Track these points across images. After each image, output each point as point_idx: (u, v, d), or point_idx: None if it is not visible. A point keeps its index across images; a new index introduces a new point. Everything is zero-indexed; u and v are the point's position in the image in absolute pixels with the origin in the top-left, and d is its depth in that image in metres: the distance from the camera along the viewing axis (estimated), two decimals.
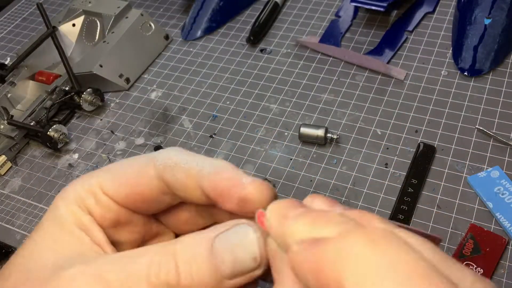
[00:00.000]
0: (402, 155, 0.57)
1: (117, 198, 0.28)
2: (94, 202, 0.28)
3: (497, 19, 0.64)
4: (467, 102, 0.61)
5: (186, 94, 0.70)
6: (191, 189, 0.26)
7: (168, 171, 0.27)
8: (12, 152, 0.67)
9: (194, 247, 0.23)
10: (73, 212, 0.27)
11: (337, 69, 0.69)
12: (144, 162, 0.28)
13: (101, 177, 0.28)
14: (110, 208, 0.28)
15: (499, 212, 0.49)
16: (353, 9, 0.76)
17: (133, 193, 0.28)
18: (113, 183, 0.28)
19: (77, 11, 0.78)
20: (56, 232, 0.27)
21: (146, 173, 0.27)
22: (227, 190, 0.25)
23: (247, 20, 0.79)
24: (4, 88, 0.70)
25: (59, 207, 0.28)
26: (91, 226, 0.27)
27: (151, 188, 0.27)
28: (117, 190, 0.28)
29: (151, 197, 0.28)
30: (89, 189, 0.28)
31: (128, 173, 0.28)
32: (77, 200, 0.28)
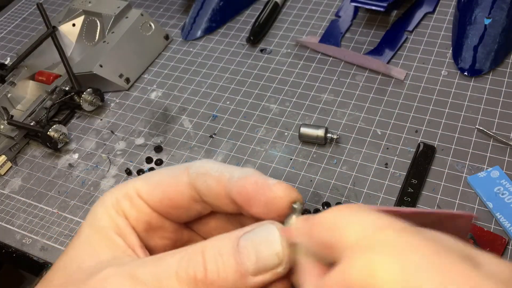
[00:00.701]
0: (402, 155, 0.57)
1: (151, 202, 0.29)
2: (130, 205, 0.29)
3: (497, 19, 0.64)
4: (467, 102, 0.61)
5: (186, 94, 0.70)
6: (220, 197, 0.28)
7: (200, 178, 0.28)
8: (12, 152, 0.67)
9: (220, 244, 0.24)
10: (110, 216, 0.29)
11: (337, 69, 0.69)
12: (178, 170, 0.29)
13: (138, 182, 0.30)
14: (144, 211, 0.29)
15: (499, 212, 0.49)
16: (353, 9, 0.76)
17: (166, 198, 0.29)
18: (148, 187, 0.29)
19: (77, 11, 0.77)
20: (93, 237, 0.28)
21: (180, 180, 0.29)
22: (254, 194, 0.26)
23: (247, 20, 0.79)
24: (4, 88, 0.70)
25: (97, 212, 0.29)
26: (125, 229, 0.29)
27: (183, 195, 0.29)
28: (151, 194, 0.29)
29: (182, 204, 0.29)
30: (126, 193, 0.29)
31: (163, 179, 0.29)
32: (113, 204, 0.29)
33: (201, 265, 0.24)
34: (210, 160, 0.30)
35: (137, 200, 0.29)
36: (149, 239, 0.30)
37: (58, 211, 0.60)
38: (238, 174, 0.27)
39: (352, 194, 0.55)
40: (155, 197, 0.29)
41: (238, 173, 0.27)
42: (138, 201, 0.29)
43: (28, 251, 0.57)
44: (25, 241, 0.58)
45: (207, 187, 0.28)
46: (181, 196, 0.29)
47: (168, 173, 0.29)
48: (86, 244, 0.28)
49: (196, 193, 0.29)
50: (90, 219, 0.30)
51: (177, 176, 0.29)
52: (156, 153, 0.64)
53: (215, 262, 0.24)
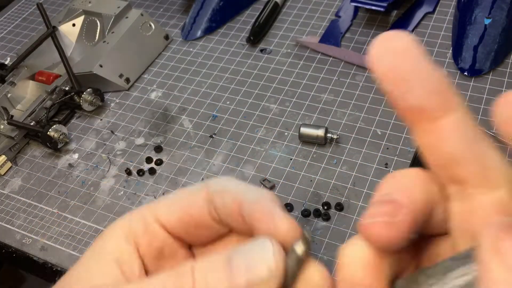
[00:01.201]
0: (402, 155, 0.57)
1: (169, 223, 0.28)
2: (143, 230, 0.28)
3: (497, 19, 0.64)
4: (467, 102, 0.61)
5: (186, 94, 0.70)
6: (235, 215, 0.27)
7: (218, 195, 0.27)
8: (12, 152, 0.67)
9: (212, 261, 0.24)
10: (116, 242, 0.28)
11: (337, 69, 0.69)
12: (197, 188, 0.29)
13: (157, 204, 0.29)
14: (158, 235, 0.28)
15: None
16: (353, 9, 0.76)
17: (186, 216, 0.28)
18: (166, 207, 0.28)
19: (77, 11, 0.78)
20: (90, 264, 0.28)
21: (199, 198, 0.28)
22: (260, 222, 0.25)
23: (247, 20, 0.80)
24: (4, 88, 0.70)
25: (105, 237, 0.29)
26: (130, 258, 0.28)
27: (203, 212, 0.28)
28: (169, 214, 0.28)
29: (202, 222, 0.28)
30: (142, 217, 0.29)
31: (181, 197, 0.29)
32: (124, 229, 0.28)
33: (190, 283, 0.23)
34: (229, 177, 0.30)
35: (153, 225, 0.28)
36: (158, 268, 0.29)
37: (58, 211, 0.60)
38: (252, 195, 0.27)
39: (352, 194, 0.55)
40: (173, 216, 0.28)
41: (252, 194, 0.27)
42: (154, 226, 0.28)
43: (28, 251, 0.57)
44: (25, 241, 0.58)
45: (223, 204, 0.27)
46: (201, 213, 0.28)
47: (184, 191, 0.29)
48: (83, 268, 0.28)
49: (214, 211, 0.28)
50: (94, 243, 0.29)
51: (194, 194, 0.28)
52: (156, 153, 0.64)
53: (204, 279, 0.23)
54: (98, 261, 0.28)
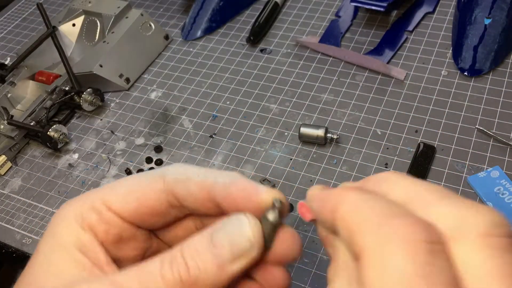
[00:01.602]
0: (402, 155, 0.57)
1: (124, 213, 0.28)
2: (97, 219, 0.28)
3: (497, 19, 0.64)
4: (467, 102, 0.61)
5: (186, 94, 0.70)
6: (203, 201, 0.28)
7: (180, 185, 0.28)
8: (12, 152, 0.67)
9: (196, 243, 0.25)
10: (73, 232, 0.28)
11: (337, 69, 0.69)
12: (152, 178, 0.29)
13: (104, 193, 0.29)
14: (114, 223, 0.28)
15: None
16: (353, 9, 0.76)
17: (142, 207, 0.28)
18: (120, 198, 0.29)
19: (77, 11, 0.78)
20: (54, 255, 0.27)
21: (155, 188, 0.29)
22: (242, 200, 0.27)
23: (247, 20, 0.80)
24: (4, 88, 0.70)
25: (58, 227, 0.28)
26: (92, 246, 0.28)
27: (160, 201, 0.29)
28: (124, 205, 0.28)
29: (159, 211, 0.29)
30: (91, 207, 0.28)
31: (136, 188, 0.29)
32: (77, 218, 0.28)
33: (183, 264, 0.24)
34: (183, 164, 0.30)
35: (106, 213, 0.28)
36: (118, 251, 0.29)
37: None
38: (223, 179, 0.28)
39: None
40: (129, 207, 0.28)
41: (223, 178, 0.28)
42: (108, 213, 0.28)
43: (28, 251, 0.57)
44: (25, 241, 0.58)
45: (188, 192, 0.28)
46: (158, 203, 0.29)
47: (139, 181, 0.29)
48: (46, 264, 0.27)
49: (174, 199, 0.29)
50: (49, 235, 0.28)
51: (150, 184, 0.29)
52: (156, 153, 0.64)
53: (193, 259, 0.24)
54: (61, 253, 0.27)
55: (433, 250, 0.19)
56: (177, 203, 0.29)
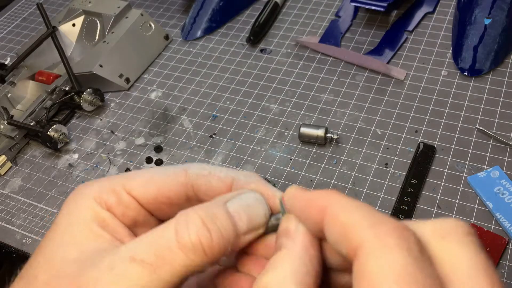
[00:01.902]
0: (402, 155, 0.57)
1: (143, 199, 0.29)
2: (116, 201, 0.29)
3: (497, 19, 0.64)
4: (467, 102, 0.61)
5: (186, 94, 0.70)
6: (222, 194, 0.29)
7: (202, 179, 0.29)
8: (12, 152, 0.67)
9: (213, 209, 0.25)
10: (93, 209, 0.28)
11: (337, 69, 0.69)
12: (174, 171, 0.30)
13: (124, 179, 0.30)
14: (132, 207, 0.29)
15: (499, 212, 0.49)
16: (353, 9, 0.76)
17: (161, 196, 0.29)
18: (141, 184, 0.29)
19: (77, 11, 0.77)
20: (74, 227, 0.28)
21: (177, 179, 0.30)
22: None
23: (247, 20, 0.79)
24: (4, 88, 0.70)
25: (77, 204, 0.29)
26: (111, 222, 0.28)
27: (179, 194, 0.30)
28: (144, 192, 0.29)
29: (177, 202, 0.30)
30: (110, 189, 0.29)
31: (158, 178, 0.30)
32: (95, 198, 0.29)
33: (204, 229, 0.24)
34: (205, 163, 0.31)
35: (125, 196, 0.29)
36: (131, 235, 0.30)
37: (58, 211, 0.60)
38: (244, 178, 0.29)
39: (352, 194, 0.55)
40: (148, 194, 0.29)
41: (244, 177, 0.29)
42: (127, 197, 0.29)
43: (28, 251, 0.57)
44: (25, 241, 0.58)
45: (210, 186, 0.29)
46: (177, 194, 0.30)
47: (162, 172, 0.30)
48: (67, 235, 0.28)
49: (193, 193, 0.30)
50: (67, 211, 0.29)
51: (173, 176, 0.30)
52: (156, 153, 0.64)
53: (214, 223, 0.24)
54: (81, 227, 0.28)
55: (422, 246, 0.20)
56: (195, 197, 0.30)
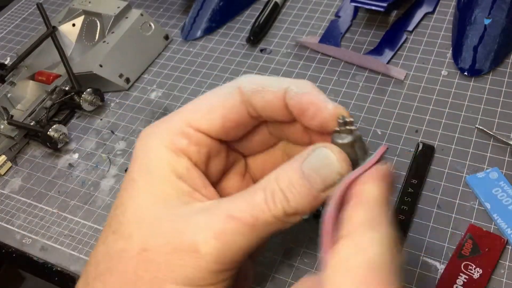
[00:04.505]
0: (402, 155, 0.57)
1: (212, 131, 0.30)
2: (187, 142, 0.29)
3: (497, 19, 0.64)
4: (467, 102, 0.61)
5: (186, 94, 0.70)
6: (279, 109, 0.30)
7: (257, 95, 0.30)
8: (12, 152, 0.67)
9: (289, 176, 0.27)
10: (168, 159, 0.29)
11: (337, 69, 0.69)
12: (229, 91, 0.30)
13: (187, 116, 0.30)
14: (203, 143, 0.30)
15: (496, 213, 0.49)
16: (353, 9, 0.76)
17: (227, 121, 0.30)
18: (206, 117, 0.30)
19: (77, 11, 0.78)
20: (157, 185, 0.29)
21: (236, 101, 0.30)
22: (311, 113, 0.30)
23: (247, 20, 0.80)
24: (4, 88, 0.70)
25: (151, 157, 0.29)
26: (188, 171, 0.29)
27: (242, 113, 0.30)
28: (211, 123, 0.30)
29: (242, 122, 0.31)
30: (179, 131, 0.29)
31: (218, 104, 0.30)
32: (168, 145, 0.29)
33: (284, 198, 0.27)
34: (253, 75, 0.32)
35: (195, 134, 0.29)
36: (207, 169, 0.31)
37: (58, 211, 0.60)
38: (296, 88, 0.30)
39: None
40: (215, 124, 0.30)
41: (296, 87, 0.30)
42: (197, 134, 0.29)
43: (28, 251, 0.57)
44: (25, 241, 0.58)
45: (265, 102, 0.30)
46: (241, 115, 0.30)
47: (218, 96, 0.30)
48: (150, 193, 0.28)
49: (252, 109, 0.30)
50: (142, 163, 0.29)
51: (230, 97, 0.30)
52: None
53: (291, 192, 0.27)
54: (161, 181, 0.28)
55: None
56: (255, 113, 0.30)
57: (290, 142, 0.35)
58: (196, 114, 0.30)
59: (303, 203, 0.27)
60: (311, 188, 0.27)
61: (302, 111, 0.30)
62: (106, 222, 0.30)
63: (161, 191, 0.28)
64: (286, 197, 0.27)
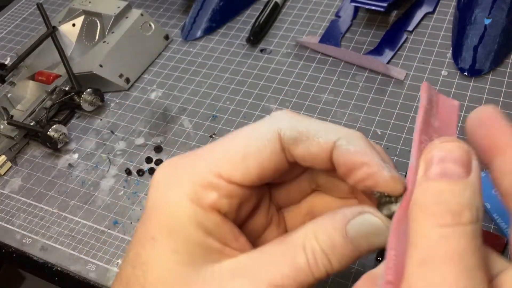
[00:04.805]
0: (402, 155, 0.57)
1: (247, 181, 0.27)
2: (218, 196, 0.27)
3: (497, 19, 0.64)
4: (467, 102, 0.61)
5: (186, 94, 0.70)
6: (321, 162, 0.27)
7: (300, 145, 0.27)
8: (12, 152, 0.67)
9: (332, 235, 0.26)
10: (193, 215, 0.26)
11: (337, 69, 0.69)
12: (265, 136, 0.28)
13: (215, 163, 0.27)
14: (236, 194, 0.27)
15: (496, 213, 0.49)
16: (353, 9, 0.76)
17: (264, 170, 0.27)
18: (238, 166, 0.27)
19: (77, 11, 0.78)
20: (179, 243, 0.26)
21: (274, 148, 0.27)
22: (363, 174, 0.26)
23: (247, 20, 0.80)
24: (4, 88, 0.70)
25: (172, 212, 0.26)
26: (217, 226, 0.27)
27: (281, 162, 0.28)
28: (245, 173, 0.27)
29: (280, 169, 0.28)
30: (206, 183, 0.27)
31: (253, 151, 0.27)
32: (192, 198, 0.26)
33: (327, 261, 0.26)
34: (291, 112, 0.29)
35: (226, 186, 0.27)
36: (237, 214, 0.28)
37: (58, 211, 0.60)
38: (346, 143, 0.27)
39: None
40: (250, 173, 0.27)
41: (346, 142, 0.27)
42: (229, 186, 0.27)
43: (28, 251, 0.57)
44: (25, 241, 0.58)
45: (309, 154, 0.27)
46: (279, 163, 0.28)
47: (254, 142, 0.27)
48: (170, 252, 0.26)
49: (291, 156, 0.28)
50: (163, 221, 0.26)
51: (268, 144, 0.27)
52: (156, 153, 0.64)
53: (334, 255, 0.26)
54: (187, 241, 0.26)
55: None
56: (293, 160, 0.28)
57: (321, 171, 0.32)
58: (227, 162, 0.27)
59: (346, 264, 0.26)
60: (355, 251, 0.26)
61: (351, 170, 0.27)
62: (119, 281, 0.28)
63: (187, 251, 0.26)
64: (329, 260, 0.26)
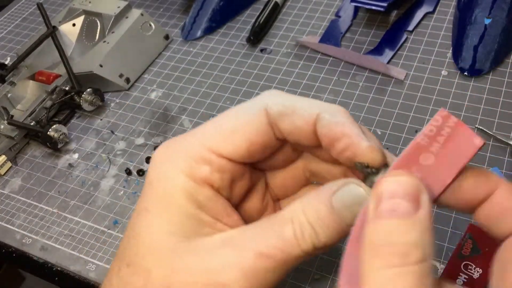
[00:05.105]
0: None
1: (236, 156, 0.28)
2: (209, 169, 0.27)
3: (497, 19, 0.64)
4: (467, 102, 0.61)
5: (186, 94, 0.70)
6: (306, 135, 0.28)
7: (286, 119, 0.28)
8: (12, 152, 0.67)
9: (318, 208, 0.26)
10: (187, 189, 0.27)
11: (337, 69, 0.69)
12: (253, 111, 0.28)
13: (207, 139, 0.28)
14: (227, 169, 0.28)
15: None
16: (353, 9, 0.76)
17: (253, 145, 0.28)
18: (228, 141, 0.28)
19: (77, 11, 0.78)
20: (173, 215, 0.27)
21: (261, 122, 0.28)
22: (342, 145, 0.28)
23: (247, 20, 0.80)
24: (4, 88, 0.70)
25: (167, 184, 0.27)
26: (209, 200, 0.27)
27: (268, 136, 0.28)
28: (235, 147, 0.28)
29: (269, 144, 0.29)
30: (199, 157, 0.27)
31: (242, 126, 0.28)
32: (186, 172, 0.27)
33: (314, 232, 0.26)
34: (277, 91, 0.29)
35: (217, 160, 0.27)
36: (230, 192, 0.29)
37: (58, 211, 0.60)
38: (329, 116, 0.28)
39: None
40: (240, 148, 0.28)
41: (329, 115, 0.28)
42: (220, 160, 0.27)
43: (28, 251, 0.57)
44: (25, 241, 0.58)
45: (295, 127, 0.28)
46: (267, 138, 0.28)
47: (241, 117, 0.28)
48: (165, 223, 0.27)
49: (279, 132, 0.28)
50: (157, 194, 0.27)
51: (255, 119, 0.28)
52: None
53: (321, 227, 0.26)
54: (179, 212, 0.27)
55: None
56: (281, 136, 0.29)
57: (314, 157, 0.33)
58: (217, 137, 0.28)
59: (332, 236, 0.26)
60: (341, 223, 0.26)
61: (333, 141, 0.28)
62: (118, 251, 0.29)
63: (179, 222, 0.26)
64: (315, 231, 0.26)
